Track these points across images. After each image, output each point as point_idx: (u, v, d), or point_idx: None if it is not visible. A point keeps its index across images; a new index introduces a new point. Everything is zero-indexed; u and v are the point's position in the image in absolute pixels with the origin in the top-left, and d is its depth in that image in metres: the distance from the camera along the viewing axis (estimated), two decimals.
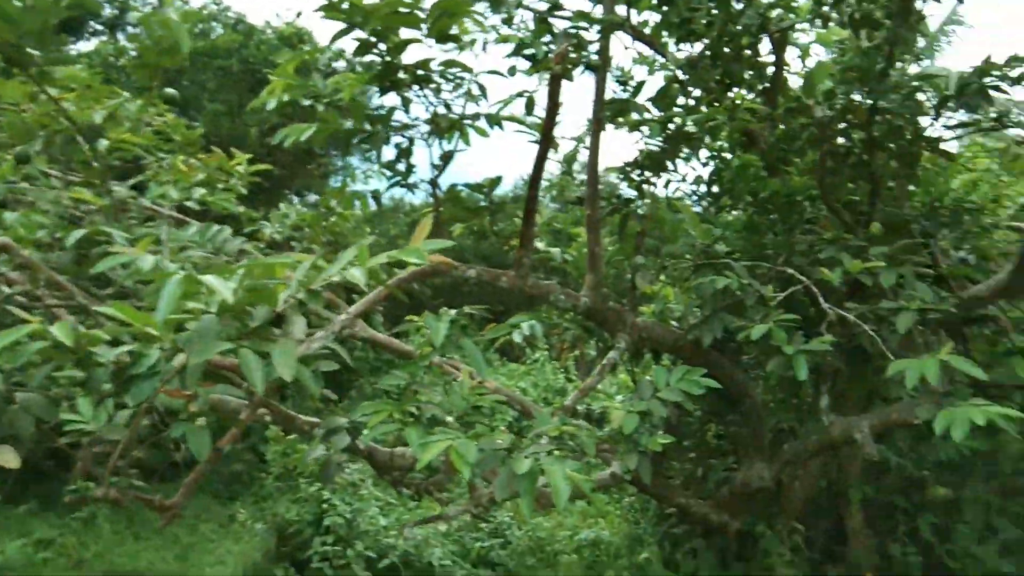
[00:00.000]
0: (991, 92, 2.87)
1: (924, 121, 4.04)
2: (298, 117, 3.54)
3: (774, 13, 3.46)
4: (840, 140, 3.24)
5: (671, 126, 3.54)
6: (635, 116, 3.56)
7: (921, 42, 12.74)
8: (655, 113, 3.78)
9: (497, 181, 3.61)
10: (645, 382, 3.12)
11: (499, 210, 3.57)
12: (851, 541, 5.38)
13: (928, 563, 5.22)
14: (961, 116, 3.75)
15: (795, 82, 4.97)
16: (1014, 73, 2.80)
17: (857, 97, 3.11)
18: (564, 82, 3.24)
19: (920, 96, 3.71)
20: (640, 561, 5.57)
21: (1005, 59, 2.86)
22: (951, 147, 6.36)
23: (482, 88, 3.15)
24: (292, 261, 2.14)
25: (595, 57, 3.23)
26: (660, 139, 3.57)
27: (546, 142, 3.27)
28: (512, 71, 3.21)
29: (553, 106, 3.18)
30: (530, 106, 3.18)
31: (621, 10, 4.48)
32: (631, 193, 3.88)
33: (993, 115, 2.96)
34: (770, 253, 3.58)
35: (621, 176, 3.78)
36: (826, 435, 4.15)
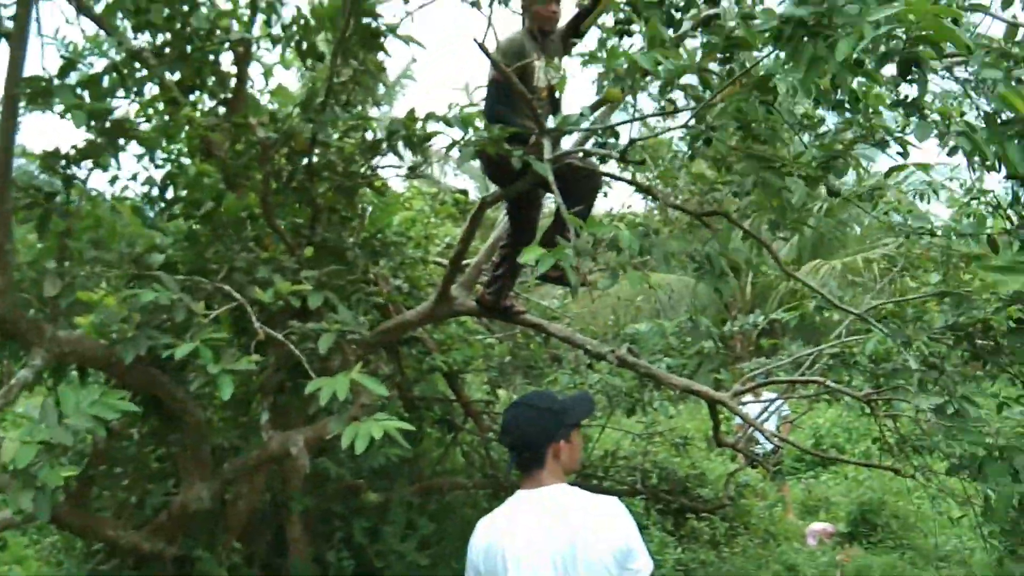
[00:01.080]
0: (413, 141, 3.29)
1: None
2: None
3: (225, 22, 3.42)
4: (286, 163, 3.36)
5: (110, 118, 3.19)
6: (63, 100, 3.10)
7: (382, 89, 14.19)
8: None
9: None
10: (48, 406, 2.70)
11: None
12: (291, 552, 5.55)
13: (360, 565, 5.65)
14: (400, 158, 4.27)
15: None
16: (431, 128, 3.26)
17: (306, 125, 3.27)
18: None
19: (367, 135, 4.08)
20: None
21: (424, 115, 3.30)
22: (398, 186, 7.16)
23: None
24: None
25: (9, 24, 2.73)
26: (95, 130, 3.19)
27: None
28: None
29: None
30: None
31: None
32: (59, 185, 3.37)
33: (411, 163, 3.41)
34: (215, 267, 3.49)
35: (43, 167, 3.27)
36: (265, 450, 4.21)
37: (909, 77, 2.28)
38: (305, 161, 3.15)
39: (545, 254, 2.53)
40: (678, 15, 3.80)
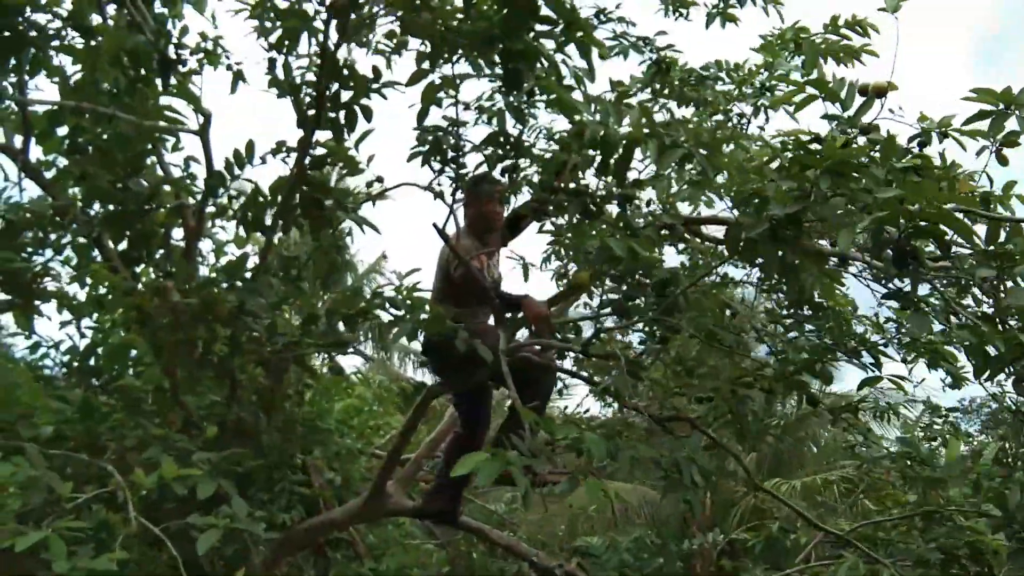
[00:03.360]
0: (352, 318, 3.08)
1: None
2: None
3: (169, 191, 3.32)
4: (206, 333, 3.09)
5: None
6: None
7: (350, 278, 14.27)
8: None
9: None
10: None
11: None
12: None
13: None
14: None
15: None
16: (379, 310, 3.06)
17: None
18: None
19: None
20: None
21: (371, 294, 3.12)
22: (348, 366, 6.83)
23: None
24: None
25: None
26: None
27: None
28: None
29: None
30: None
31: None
32: None
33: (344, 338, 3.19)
34: (110, 443, 3.10)
35: None
36: None
37: (905, 269, 2.17)
38: (228, 332, 2.91)
39: (486, 461, 2.22)
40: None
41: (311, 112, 2.72)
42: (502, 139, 3.32)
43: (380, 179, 3.88)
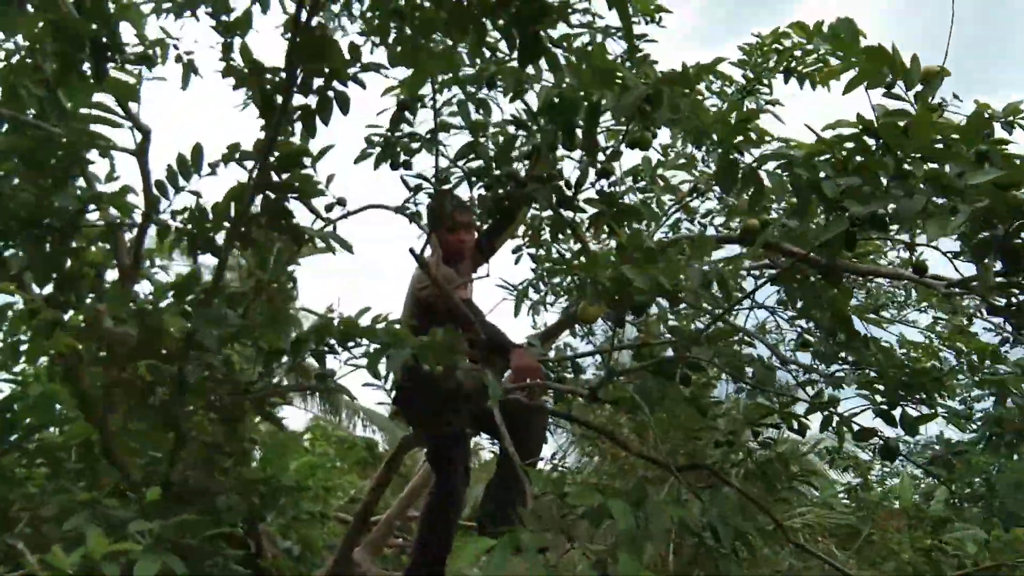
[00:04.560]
0: (323, 350, 2.61)
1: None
2: None
3: (104, 207, 2.82)
4: (148, 373, 2.56)
5: None
6: None
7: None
8: None
9: None
10: None
11: None
12: None
13: None
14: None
15: None
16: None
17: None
18: None
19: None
20: None
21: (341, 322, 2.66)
22: (295, 424, 6.23)
23: None
24: None
25: None
26: None
27: None
28: None
29: None
30: None
31: None
32: None
33: (319, 372, 2.70)
34: (22, 513, 2.50)
35: None
36: None
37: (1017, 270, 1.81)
38: (174, 370, 2.38)
39: (496, 548, 1.68)
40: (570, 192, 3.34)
41: (277, 99, 2.29)
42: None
43: (342, 201, 3.45)
